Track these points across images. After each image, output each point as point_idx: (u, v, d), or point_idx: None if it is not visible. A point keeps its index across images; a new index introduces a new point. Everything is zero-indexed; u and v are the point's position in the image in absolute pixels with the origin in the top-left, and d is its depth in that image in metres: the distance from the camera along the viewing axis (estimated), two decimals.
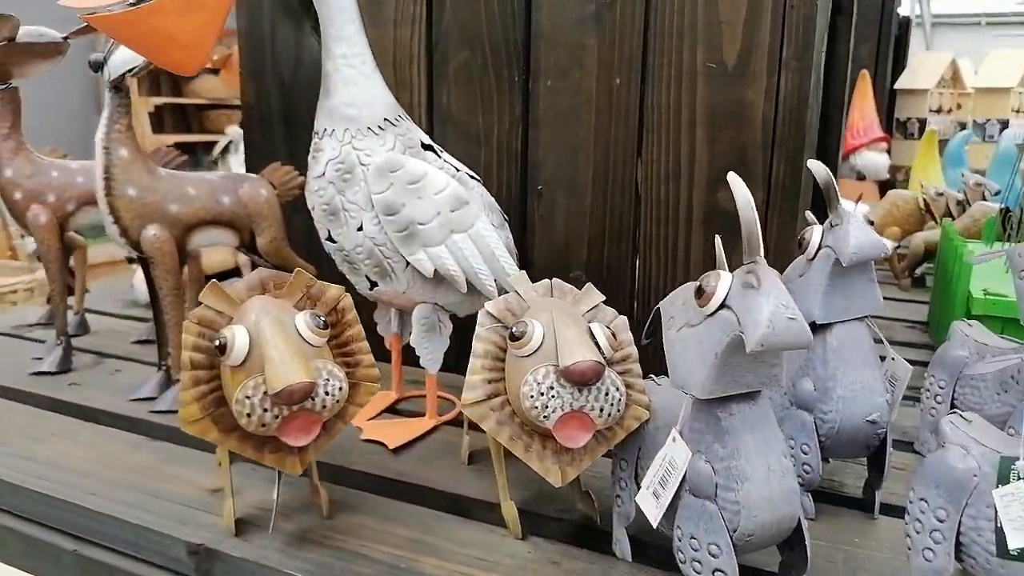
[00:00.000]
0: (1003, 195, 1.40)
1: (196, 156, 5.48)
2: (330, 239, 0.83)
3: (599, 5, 0.91)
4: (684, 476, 0.54)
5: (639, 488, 0.59)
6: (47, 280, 1.07)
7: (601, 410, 0.57)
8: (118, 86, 0.88)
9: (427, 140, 0.85)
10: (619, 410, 0.58)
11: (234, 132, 1.63)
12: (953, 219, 1.72)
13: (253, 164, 1.17)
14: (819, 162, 0.69)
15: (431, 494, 0.76)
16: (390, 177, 0.79)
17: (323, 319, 0.61)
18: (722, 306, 0.50)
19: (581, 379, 0.56)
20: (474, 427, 0.82)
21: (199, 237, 0.94)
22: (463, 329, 0.85)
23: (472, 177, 0.87)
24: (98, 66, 0.86)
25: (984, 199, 1.79)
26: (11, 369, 1.08)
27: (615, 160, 0.94)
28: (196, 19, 0.71)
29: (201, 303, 0.60)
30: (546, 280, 0.65)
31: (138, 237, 0.90)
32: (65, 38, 1.01)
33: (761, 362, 0.51)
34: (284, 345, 0.57)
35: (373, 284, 0.84)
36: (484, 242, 0.83)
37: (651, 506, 0.57)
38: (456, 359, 0.84)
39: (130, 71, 0.86)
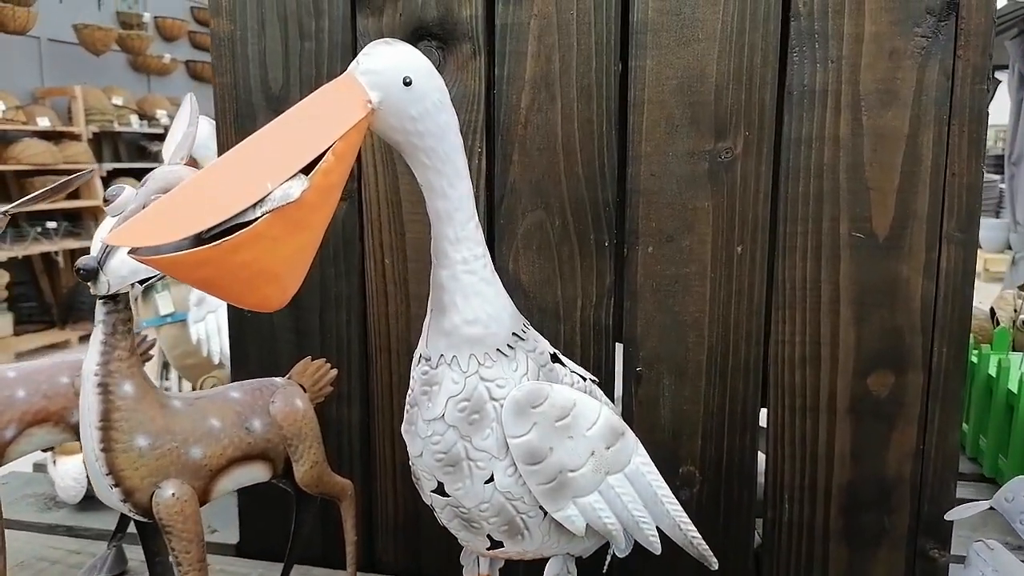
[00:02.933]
0: None
1: (19, 228, 4.84)
2: (440, 491, 0.63)
3: (715, 163, 0.77)
4: None
5: None
6: None
7: None
8: (116, 296, 0.63)
9: (551, 348, 0.66)
10: None
11: None
12: None
13: (244, 341, 0.93)
14: None
15: None
16: (532, 415, 0.60)
17: None
18: None
19: None
20: None
21: (224, 482, 0.70)
22: None
23: (594, 381, 0.69)
24: (91, 274, 0.61)
25: None
26: None
27: (736, 339, 0.80)
28: (297, 241, 0.50)
29: None
30: None
31: (149, 501, 0.64)
32: (4, 213, 0.74)
33: None
34: None
35: (496, 544, 0.65)
36: (644, 481, 0.65)
37: None
38: None
39: (143, 282, 0.62)
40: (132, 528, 0.94)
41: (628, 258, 0.81)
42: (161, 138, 5.63)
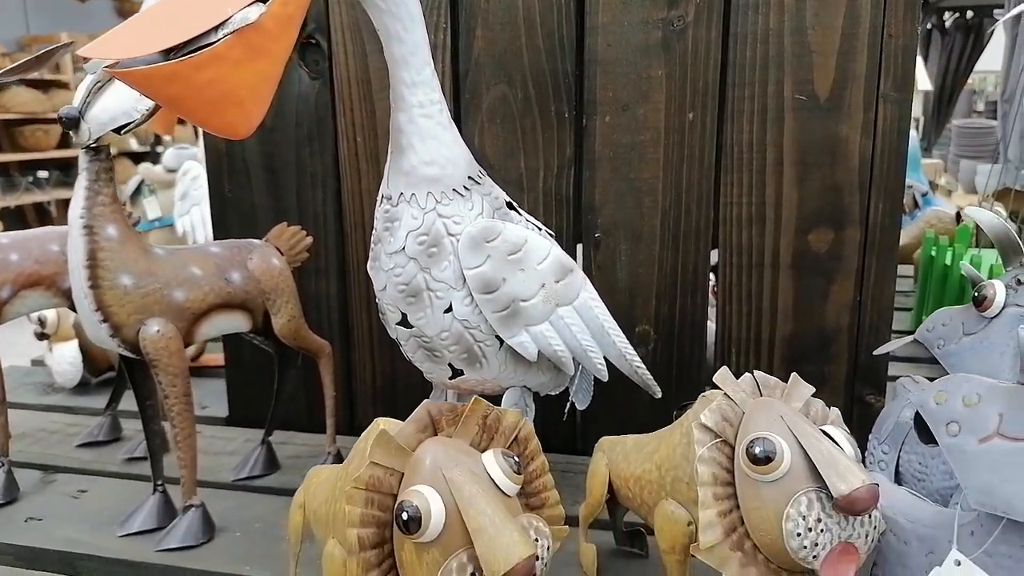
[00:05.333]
0: None
1: (11, 178, 4.85)
2: (404, 323, 0.68)
3: (668, 32, 0.81)
4: None
5: None
6: None
7: (867, 536, 0.48)
8: (97, 147, 0.68)
9: (507, 197, 0.71)
10: (880, 532, 0.49)
11: (145, 170, 1.39)
12: None
13: (225, 220, 0.97)
14: (987, 211, 0.63)
15: None
16: (486, 248, 0.65)
17: (517, 460, 0.47)
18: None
19: (861, 509, 0.46)
20: (593, 526, 0.70)
21: (206, 327, 0.75)
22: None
23: (550, 234, 0.74)
24: (73, 123, 0.66)
25: (915, 201, 1.87)
26: None
27: (688, 203, 0.84)
28: (257, 68, 0.54)
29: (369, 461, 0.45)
30: (748, 375, 0.55)
31: (136, 336, 0.70)
32: None
33: None
34: (492, 510, 0.43)
35: (457, 372, 0.70)
36: (592, 314, 0.71)
37: None
38: None
39: (120, 129, 0.67)
40: (123, 406, 1.00)
41: (587, 128, 0.85)
42: None
